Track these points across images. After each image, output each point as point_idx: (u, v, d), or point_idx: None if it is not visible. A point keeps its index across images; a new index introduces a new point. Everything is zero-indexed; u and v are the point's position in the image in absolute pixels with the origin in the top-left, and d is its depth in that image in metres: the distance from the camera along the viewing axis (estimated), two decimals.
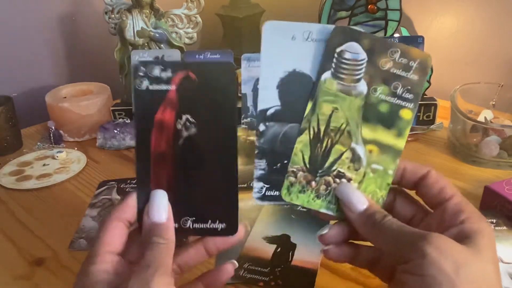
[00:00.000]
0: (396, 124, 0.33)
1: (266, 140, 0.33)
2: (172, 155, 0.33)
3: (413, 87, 0.32)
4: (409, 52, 0.32)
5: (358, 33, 0.32)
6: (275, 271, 0.43)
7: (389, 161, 0.33)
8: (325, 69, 0.32)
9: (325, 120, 0.33)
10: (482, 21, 0.83)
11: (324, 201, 0.33)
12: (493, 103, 0.71)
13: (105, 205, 0.56)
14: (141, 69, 0.32)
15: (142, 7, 0.78)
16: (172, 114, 0.33)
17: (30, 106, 0.87)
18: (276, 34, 0.32)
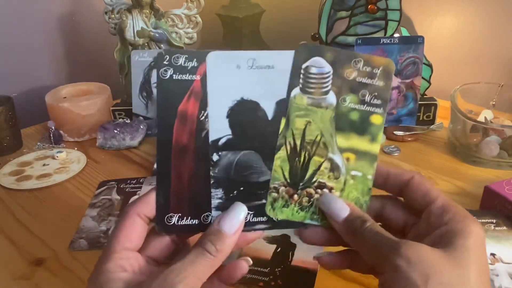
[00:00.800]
0: (368, 130, 0.34)
1: (221, 169, 0.33)
2: (194, 148, 0.33)
3: (380, 93, 0.34)
4: (371, 60, 0.33)
5: (321, 48, 0.33)
6: (275, 271, 0.43)
7: (367, 167, 0.34)
8: (294, 86, 0.33)
9: (300, 134, 0.33)
10: (482, 21, 0.83)
11: (308, 212, 0.34)
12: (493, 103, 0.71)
13: (105, 205, 0.56)
14: (165, 58, 0.32)
15: (142, 7, 0.78)
16: (196, 105, 0.33)
17: (30, 106, 0.87)
18: (221, 64, 0.32)
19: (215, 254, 0.29)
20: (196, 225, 0.33)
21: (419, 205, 0.32)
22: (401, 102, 0.71)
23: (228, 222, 0.30)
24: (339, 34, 0.77)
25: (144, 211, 0.31)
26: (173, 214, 0.33)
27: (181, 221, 0.33)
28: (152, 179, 0.60)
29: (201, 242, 0.29)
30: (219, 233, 0.30)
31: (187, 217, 0.33)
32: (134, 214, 0.30)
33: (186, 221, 0.33)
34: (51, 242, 0.49)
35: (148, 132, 0.76)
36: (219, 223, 0.30)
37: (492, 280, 0.40)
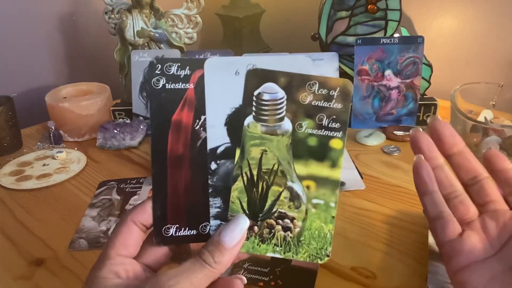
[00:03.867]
0: (328, 156, 0.32)
1: (219, 178, 0.33)
2: (190, 158, 0.32)
3: (338, 115, 0.32)
4: (327, 82, 0.32)
5: (272, 72, 0.32)
6: (275, 271, 0.43)
7: (329, 194, 0.33)
8: (247, 114, 0.32)
9: (256, 163, 0.32)
10: (482, 21, 0.83)
11: (270, 245, 0.33)
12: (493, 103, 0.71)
13: (105, 205, 0.56)
14: (157, 67, 0.31)
15: (142, 7, 0.78)
16: (190, 114, 0.32)
17: (30, 106, 0.87)
18: (219, 71, 0.32)
19: (213, 265, 0.28)
20: (194, 236, 0.32)
21: None
22: (401, 102, 0.71)
23: (229, 234, 0.30)
24: (339, 34, 0.77)
25: (141, 219, 0.31)
26: (171, 226, 0.32)
27: (179, 232, 0.33)
28: None
29: (200, 252, 0.29)
30: (218, 245, 0.29)
31: (184, 228, 0.33)
32: (130, 222, 0.30)
33: (184, 232, 0.33)
34: (51, 242, 0.49)
35: (148, 132, 0.75)
36: (219, 234, 0.30)
37: None
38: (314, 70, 0.32)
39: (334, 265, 0.44)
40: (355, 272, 0.43)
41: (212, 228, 0.33)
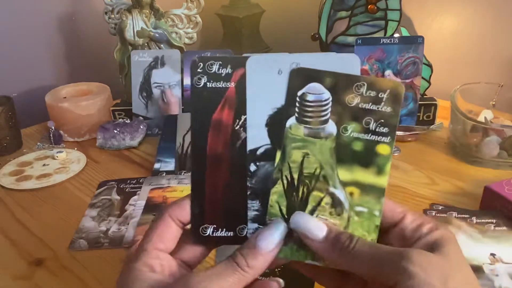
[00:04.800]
0: (374, 162, 0.30)
1: (258, 180, 0.31)
2: (229, 158, 0.31)
3: (386, 119, 0.30)
4: (376, 83, 0.30)
5: (318, 72, 0.30)
6: (275, 271, 0.43)
7: (374, 202, 0.31)
8: (289, 115, 0.31)
9: (297, 167, 0.31)
10: (482, 21, 0.83)
11: (309, 251, 0.31)
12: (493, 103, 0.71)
13: (105, 205, 0.56)
14: (199, 65, 0.31)
15: (142, 7, 0.78)
16: (231, 114, 0.31)
17: (30, 106, 0.87)
18: (261, 69, 0.31)
19: (246, 269, 0.28)
20: (231, 238, 0.32)
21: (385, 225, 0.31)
22: None
23: (266, 238, 0.29)
24: (339, 34, 0.77)
25: (178, 215, 0.30)
26: (208, 225, 0.32)
27: (216, 233, 0.32)
28: (152, 179, 0.60)
29: (233, 254, 0.29)
30: (254, 249, 0.28)
31: (222, 229, 0.32)
32: (168, 217, 0.30)
33: (221, 233, 0.32)
34: (51, 242, 0.49)
35: (148, 132, 0.76)
36: (256, 238, 0.29)
37: (492, 280, 0.40)
38: None
39: None
40: None
41: (250, 231, 0.32)
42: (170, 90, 0.76)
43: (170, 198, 0.55)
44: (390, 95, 0.30)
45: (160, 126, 0.75)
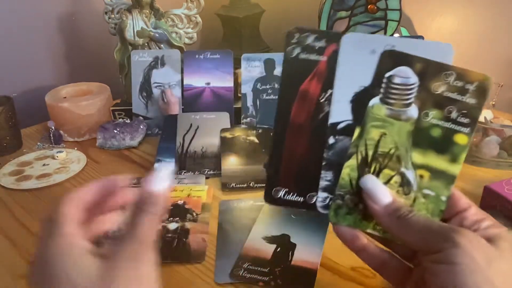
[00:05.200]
0: (449, 149, 0.31)
1: (335, 152, 0.33)
2: (310, 129, 0.33)
3: (469, 110, 0.31)
4: (465, 74, 0.31)
5: (409, 56, 0.31)
6: (275, 271, 0.43)
7: (442, 187, 0.32)
8: (374, 94, 0.32)
9: (373, 145, 0.32)
10: (482, 21, 0.83)
11: (371, 222, 0.33)
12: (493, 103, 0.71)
13: None
14: (295, 36, 0.32)
15: (142, 7, 0.78)
16: (318, 86, 0.32)
17: (30, 106, 0.87)
18: (355, 47, 0.31)
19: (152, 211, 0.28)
20: (300, 203, 0.33)
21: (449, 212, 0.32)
22: None
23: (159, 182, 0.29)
24: None
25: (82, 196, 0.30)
26: (281, 188, 0.34)
27: (287, 196, 0.34)
28: None
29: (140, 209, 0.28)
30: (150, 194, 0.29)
31: (293, 193, 0.34)
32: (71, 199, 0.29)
33: (291, 197, 0.34)
34: None
35: (148, 132, 0.76)
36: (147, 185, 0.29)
37: None
38: None
39: (334, 265, 0.44)
40: (355, 272, 0.43)
41: (319, 200, 0.33)
42: (170, 90, 0.76)
43: (170, 197, 0.55)
44: (477, 88, 0.31)
45: (160, 126, 0.75)
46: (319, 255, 0.44)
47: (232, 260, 0.44)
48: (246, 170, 0.61)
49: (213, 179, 0.61)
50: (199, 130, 0.67)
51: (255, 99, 0.73)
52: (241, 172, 0.60)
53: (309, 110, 0.33)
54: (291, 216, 0.50)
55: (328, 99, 0.32)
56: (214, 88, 0.75)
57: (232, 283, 0.42)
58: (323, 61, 0.32)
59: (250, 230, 0.48)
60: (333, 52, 0.32)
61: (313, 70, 0.32)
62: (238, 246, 0.46)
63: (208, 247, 0.47)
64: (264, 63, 0.73)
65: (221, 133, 0.66)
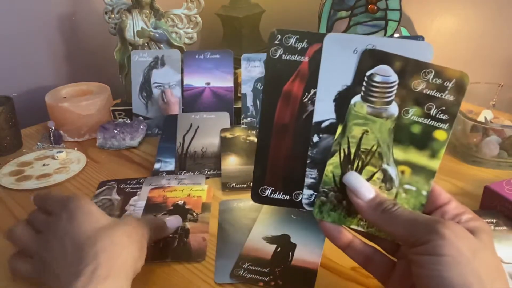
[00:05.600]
0: (429, 145, 0.32)
1: (319, 151, 0.34)
2: (294, 128, 0.34)
3: (448, 107, 0.32)
4: (443, 72, 0.31)
5: (389, 55, 0.32)
6: (275, 271, 0.43)
7: (423, 182, 0.33)
8: (355, 93, 0.32)
9: (356, 142, 0.33)
10: (482, 21, 0.83)
11: (355, 218, 0.34)
12: (493, 103, 0.71)
13: (105, 205, 0.56)
14: (277, 37, 0.32)
15: (142, 7, 0.78)
16: (301, 87, 0.33)
17: (30, 106, 0.87)
18: (338, 46, 0.32)
19: None
20: (287, 201, 0.35)
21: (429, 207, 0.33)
22: None
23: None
24: None
25: None
26: (267, 187, 0.35)
27: (274, 195, 0.35)
28: (152, 179, 0.60)
29: None
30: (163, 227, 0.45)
31: (279, 192, 0.35)
32: None
33: (278, 195, 0.35)
34: None
35: (148, 132, 0.76)
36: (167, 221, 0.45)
37: None
38: None
39: (334, 265, 0.44)
40: (355, 272, 0.43)
41: (305, 197, 0.34)
42: (170, 90, 0.76)
43: (170, 198, 0.55)
44: (455, 85, 0.32)
45: (160, 126, 0.75)
46: (319, 255, 0.44)
47: (232, 260, 0.44)
48: (246, 170, 0.61)
49: (213, 179, 0.61)
50: (199, 130, 0.67)
51: (255, 99, 0.73)
52: (241, 172, 0.60)
53: (293, 110, 0.33)
54: (291, 216, 0.50)
55: (311, 99, 0.33)
56: (214, 88, 0.75)
57: (232, 283, 0.42)
58: (305, 61, 0.33)
59: (250, 230, 0.48)
60: (315, 53, 0.32)
61: (295, 71, 0.33)
62: (238, 246, 0.46)
63: (208, 246, 0.47)
64: (264, 63, 0.73)
65: (221, 133, 0.66)
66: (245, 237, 0.47)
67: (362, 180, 0.33)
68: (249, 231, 0.48)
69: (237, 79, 0.78)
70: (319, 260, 0.44)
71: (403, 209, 0.30)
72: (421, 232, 0.28)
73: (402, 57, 0.32)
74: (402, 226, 0.29)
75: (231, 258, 0.45)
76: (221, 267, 0.44)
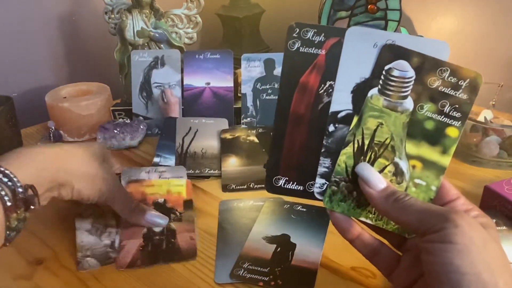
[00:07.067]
0: (441, 141, 0.33)
1: (334, 140, 0.34)
2: (309, 119, 0.34)
3: (461, 105, 0.33)
4: (459, 71, 0.32)
5: (408, 51, 0.32)
6: (275, 271, 0.43)
7: (433, 177, 0.34)
8: (372, 86, 0.33)
9: (370, 134, 0.33)
10: (482, 21, 0.83)
11: (364, 210, 0.34)
12: (493, 103, 0.71)
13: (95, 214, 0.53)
14: (295, 30, 0.33)
15: (142, 7, 0.78)
16: (317, 79, 0.34)
17: (30, 106, 0.87)
18: (359, 40, 0.33)
19: None
20: (300, 191, 0.35)
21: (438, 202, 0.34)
22: None
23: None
24: None
25: None
26: (281, 177, 0.35)
27: (287, 185, 0.35)
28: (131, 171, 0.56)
29: None
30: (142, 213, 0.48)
31: (293, 182, 0.35)
32: None
33: (292, 186, 0.35)
34: (51, 242, 0.49)
35: (148, 132, 0.76)
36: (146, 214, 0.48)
37: None
38: None
39: (334, 265, 0.44)
40: (355, 272, 0.43)
41: (317, 186, 0.35)
42: (170, 90, 0.76)
43: (149, 195, 0.52)
44: (469, 84, 0.32)
45: (160, 126, 0.75)
46: (319, 255, 0.44)
47: (232, 260, 0.44)
48: (246, 171, 0.61)
49: (213, 180, 0.61)
50: (198, 133, 0.67)
51: (255, 99, 0.73)
52: (241, 173, 0.60)
53: (309, 101, 0.34)
54: (291, 216, 0.50)
55: (326, 91, 0.34)
56: (214, 88, 0.75)
57: (232, 283, 0.42)
58: (322, 54, 0.33)
59: (250, 230, 0.48)
60: (332, 46, 0.33)
61: (312, 63, 0.34)
62: (238, 246, 0.46)
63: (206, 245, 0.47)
64: (264, 63, 0.73)
65: (221, 134, 0.66)
66: (245, 237, 0.47)
67: (374, 171, 0.33)
68: (249, 231, 0.48)
69: (237, 79, 0.78)
70: (319, 260, 0.44)
71: (415, 199, 0.31)
72: (434, 221, 0.28)
73: (420, 54, 0.32)
74: (415, 215, 0.30)
75: (231, 258, 0.45)
76: (221, 267, 0.44)
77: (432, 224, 0.28)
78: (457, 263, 0.26)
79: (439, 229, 0.27)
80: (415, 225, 0.30)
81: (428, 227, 0.28)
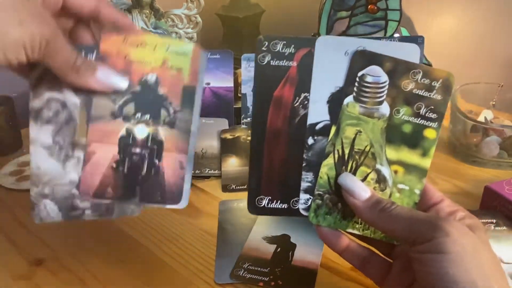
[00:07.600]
0: (420, 144, 0.33)
1: (314, 153, 0.34)
2: (287, 133, 0.33)
3: (436, 106, 0.33)
4: (431, 72, 0.32)
5: (379, 56, 0.32)
6: (275, 271, 0.43)
7: (415, 181, 0.33)
8: (347, 94, 0.33)
9: (349, 143, 0.33)
10: (482, 21, 0.83)
11: (351, 222, 0.34)
12: (493, 103, 0.71)
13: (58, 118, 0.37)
14: (264, 44, 0.33)
15: (142, 7, 0.78)
16: (291, 91, 0.33)
17: None
18: (329, 49, 0.33)
19: None
20: (285, 209, 0.34)
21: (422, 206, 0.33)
22: None
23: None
24: (339, 34, 0.77)
25: None
26: (264, 197, 0.34)
27: (271, 204, 0.34)
28: None
29: None
30: None
31: (277, 201, 0.34)
32: None
33: (275, 205, 0.34)
34: (51, 242, 0.49)
35: None
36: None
37: None
38: None
39: (334, 265, 0.44)
40: (355, 272, 0.43)
41: (301, 202, 0.34)
42: None
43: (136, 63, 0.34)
44: (442, 85, 0.32)
45: None
46: (319, 255, 0.44)
47: (232, 260, 0.44)
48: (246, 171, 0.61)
49: (213, 180, 0.61)
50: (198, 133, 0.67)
51: None
52: (241, 173, 0.60)
53: (285, 115, 0.33)
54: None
55: (302, 103, 0.33)
56: (214, 88, 0.75)
57: (232, 283, 0.42)
58: (294, 66, 0.33)
59: (250, 230, 0.48)
60: (303, 58, 0.33)
61: (284, 76, 0.33)
62: (238, 246, 0.46)
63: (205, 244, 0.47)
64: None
65: (221, 134, 0.66)
66: (245, 237, 0.47)
67: (356, 181, 0.33)
68: (249, 231, 0.48)
69: (237, 79, 0.78)
70: (319, 260, 0.44)
71: (401, 207, 0.30)
72: (423, 230, 0.28)
73: (392, 58, 0.32)
74: (402, 224, 0.29)
75: (231, 258, 0.45)
76: (221, 267, 0.44)
77: (422, 233, 0.28)
78: (452, 273, 0.26)
79: (430, 239, 0.27)
80: (403, 235, 0.29)
81: (418, 236, 0.28)
